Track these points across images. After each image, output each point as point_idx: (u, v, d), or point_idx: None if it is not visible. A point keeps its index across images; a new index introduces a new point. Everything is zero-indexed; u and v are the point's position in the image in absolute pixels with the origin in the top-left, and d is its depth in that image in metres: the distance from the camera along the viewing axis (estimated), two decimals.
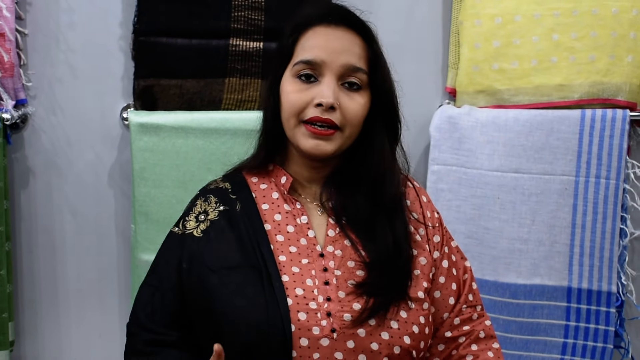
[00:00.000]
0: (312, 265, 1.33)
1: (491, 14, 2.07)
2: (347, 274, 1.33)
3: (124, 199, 2.13)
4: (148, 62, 2.01)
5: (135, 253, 2.04)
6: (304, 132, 1.34)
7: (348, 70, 1.34)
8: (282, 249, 1.35)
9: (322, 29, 1.37)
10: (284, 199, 1.42)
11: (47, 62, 2.06)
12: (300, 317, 1.26)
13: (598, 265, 2.06)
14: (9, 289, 2.03)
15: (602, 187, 2.05)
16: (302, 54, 1.36)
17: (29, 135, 2.08)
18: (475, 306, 1.47)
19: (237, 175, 1.49)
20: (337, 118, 1.33)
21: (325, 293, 1.30)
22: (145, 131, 2.00)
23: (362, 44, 1.37)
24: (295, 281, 1.30)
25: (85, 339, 2.17)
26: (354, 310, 1.29)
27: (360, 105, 1.35)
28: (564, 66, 2.07)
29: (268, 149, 1.46)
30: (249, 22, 2.02)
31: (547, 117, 2.06)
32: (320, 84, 1.34)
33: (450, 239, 1.50)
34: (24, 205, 2.11)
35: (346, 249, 1.36)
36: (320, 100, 1.31)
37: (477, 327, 1.44)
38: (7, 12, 1.95)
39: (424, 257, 1.40)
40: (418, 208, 1.46)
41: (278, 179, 1.44)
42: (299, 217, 1.39)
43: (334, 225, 1.39)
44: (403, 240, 1.37)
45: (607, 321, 2.06)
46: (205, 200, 1.44)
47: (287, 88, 1.37)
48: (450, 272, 1.44)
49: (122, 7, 2.05)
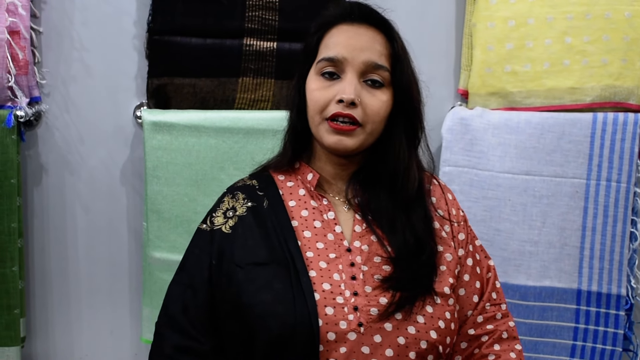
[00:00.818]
0: (340, 260, 1.34)
1: (504, 16, 2.07)
2: (373, 269, 1.34)
3: (136, 196, 2.14)
4: (162, 61, 2.02)
5: (147, 250, 2.05)
6: (327, 129, 1.35)
7: (369, 67, 1.36)
8: (310, 245, 1.36)
9: (344, 27, 1.39)
10: (310, 196, 1.43)
11: (61, 60, 2.07)
12: (328, 312, 1.27)
13: (608, 268, 2.06)
14: (21, 286, 2.04)
15: (613, 191, 2.05)
16: (324, 52, 1.38)
17: (42, 132, 2.09)
18: (500, 304, 1.47)
19: (264, 173, 1.50)
20: (358, 114, 1.34)
21: (352, 288, 1.31)
22: (158, 130, 2.00)
23: (384, 42, 1.39)
24: (322, 276, 1.32)
25: (96, 336, 2.18)
26: (381, 304, 1.30)
27: (382, 102, 1.36)
28: (576, 69, 2.07)
29: (295, 147, 1.47)
30: (263, 22, 2.03)
31: (559, 120, 2.06)
32: (342, 81, 1.35)
33: (474, 237, 1.51)
34: (36, 202, 2.12)
35: (372, 244, 1.37)
36: (342, 96, 1.33)
37: (501, 327, 1.45)
38: (23, 10, 1.96)
39: (450, 254, 1.41)
40: (443, 205, 1.48)
41: (304, 176, 1.45)
42: (326, 213, 1.41)
43: (360, 220, 1.40)
44: (424, 235, 1.38)
45: (616, 324, 2.06)
46: (233, 197, 1.45)
47: (311, 86, 1.39)
48: (474, 271, 1.45)
49: (137, 6, 2.06)
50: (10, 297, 2.01)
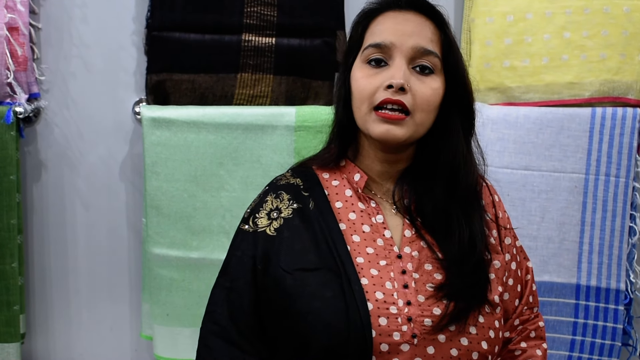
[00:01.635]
0: (391, 267, 1.29)
1: (503, 11, 2.07)
2: (425, 276, 1.29)
3: (135, 192, 2.14)
4: (161, 57, 2.02)
5: (147, 247, 2.05)
6: (374, 119, 1.28)
7: (418, 53, 1.29)
8: (359, 250, 1.30)
9: (391, 14, 1.33)
10: (357, 197, 1.37)
11: (60, 57, 2.07)
12: (381, 322, 1.23)
13: (607, 262, 2.06)
14: (21, 282, 2.04)
15: (612, 185, 2.05)
16: (371, 38, 1.32)
17: (41, 128, 2.10)
18: (533, 308, 1.46)
19: (308, 170, 1.43)
20: (408, 101, 1.27)
21: (405, 297, 1.26)
22: (158, 126, 2.00)
23: (434, 28, 1.32)
24: (374, 284, 1.26)
25: (96, 332, 2.18)
26: (434, 315, 1.25)
27: (432, 90, 1.30)
28: (574, 64, 2.07)
29: (341, 143, 1.40)
30: (261, 18, 2.03)
31: (558, 115, 2.06)
32: (390, 67, 1.29)
33: (516, 238, 1.46)
34: (36, 199, 2.12)
35: (423, 250, 1.32)
36: (391, 81, 1.26)
37: (530, 327, 1.43)
38: (21, 6, 1.96)
39: (498, 261, 1.37)
40: (491, 208, 1.43)
41: (351, 175, 1.38)
42: (374, 216, 1.35)
43: (409, 225, 1.34)
44: (479, 238, 1.32)
45: (616, 319, 2.07)
46: (277, 197, 1.38)
47: (357, 74, 1.32)
48: (516, 274, 1.42)
49: (136, 2, 2.07)
50: (10, 294, 2.01)
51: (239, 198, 2.02)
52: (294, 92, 2.07)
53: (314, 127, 2.01)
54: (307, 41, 2.04)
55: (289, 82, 2.06)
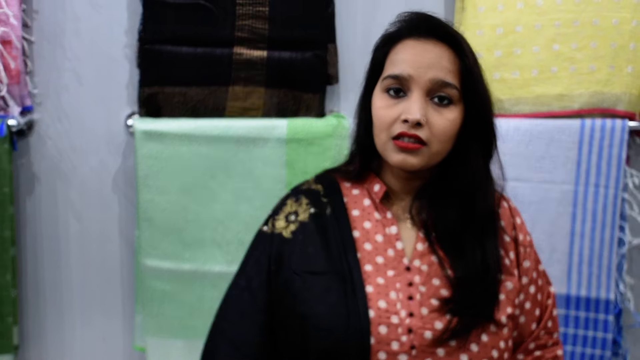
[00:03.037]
0: (398, 278, 1.32)
1: (493, 24, 2.08)
2: (431, 290, 1.31)
3: (128, 205, 2.14)
4: (153, 69, 2.03)
5: (139, 258, 2.06)
6: (392, 147, 1.30)
7: (436, 85, 1.30)
8: (369, 258, 1.33)
9: (411, 42, 1.33)
10: (375, 207, 1.39)
11: (53, 70, 2.08)
12: (381, 331, 1.25)
13: (597, 273, 2.07)
14: (14, 294, 2.05)
15: (602, 196, 2.07)
16: (390, 69, 1.33)
17: (34, 141, 2.10)
18: (553, 333, 1.46)
19: (330, 178, 1.46)
20: (424, 134, 1.28)
21: (408, 308, 1.28)
22: (150, 138, 2.01)
23: (453, 58, 1.32)
24: (379, 293, 1.29)
25: (89, 344, 2.18)
26: (436, 328, 1.27)
27: (449, 122, 1.30)
28: (564, 76, 2.09)
29: (363, 159, 1.43)
30: (253, 31, 2.04)
31: (548, 126, 2.08)
32: (408, 99, 1.30)
33: (538, 262, 1.47)
34: (29, 211, 2.13)
35: (433, 265, 1.33)
36: (407, 116, 1.27)
37: (547, 355, 1.44)
38: (14, 20, 1.96)
39: (511, 283, 1.37)
40: (510, 230, 1.43)
41: (371, 186, 1.41)
42: (389, 227, 1.37)
43: (423, 239, 1.36)
44: (492, 260, 1.33)
45: (606, 329, 2.08)
46: (297, 201, 1.42)
47: (377, 103, 1.34)
48: (535, 298, 1.42)
49: (128, 15, 2.07)
50: (3, 305, 2.02)
51: (231, 210, 2.03)
52: (286, 105, 2.08)
53: (306, 140, 2.03)
54: (298, 54, 2.05)
55: (281, 95, 2.07)
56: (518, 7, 2.07)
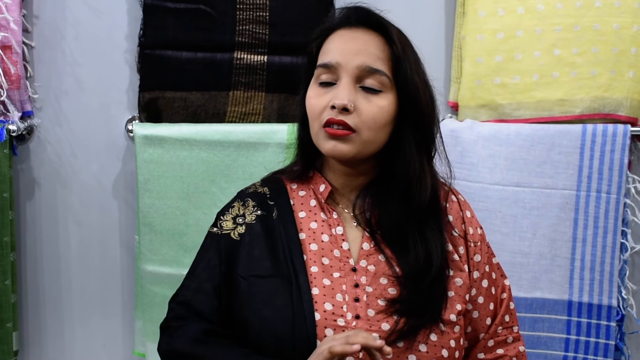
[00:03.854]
0: (344, 279, 1.30)
1: (493, 29, 2.08)
2: (378, 291, 1.29)
3: (128, 210, 2.14)
4: (153, 74, 2.03)
5: (139, 264, 2.06)
6: (323, 135, 1.30)
7: (364, 72, 1.29)
8: (315, 259, 1.32)
9: (342, 32, 1.34)
10: (321, 208, 1.38)
11: (53, 75, 2.08)
12: (327, 334, 1.24)
13: (599, 279, 2.07)
14: (14, 299, 2.04)
15: (603, 202, 2.06)
16: (321, 58, 1.34)
17: (34, 146, 2.10)
18: (512, 327, 1.44)
19: (277, 180, 1.46)
20: (352, 120, 1.28)
21: (354, 310, 1.27)
22: (150, 143, 2.01)
23: (382, 45, 1.32)
24: (325, 295, 1.28)
25: (89, 349, 2.18)
26: (383, 330, 1.26)
27: (379, 108, 1.29)
28: (565, 81, 2.08)
29: (305, 158, 1.43)
30: (253, 36, 2.04)
31: (549, 131, 2.07)
32: (337, 86, 1.30)
33: (491, 255, 1.45)
34: (29, 216, 2.12)
35: (380, 264, 1.32)
36: (334, 102, 1.28)
37: (510, 352, 1.42)
38: (15, 25, 1.97)
39: (461, 278, 1.35)
40: (460, 224, 1.41)
41: (317, 186, 1.40)
42: (335, 227, 1.36)
43: (369, 238, 1.35)
44: (435, 253, 1.31)
45: (608, 335, 2.07)
46: (244, 204, 1.41)
47: (310, 94, 1.35)
48: (489, 292, 1.41)
49: (128, 20, 2.08)
50: (2, 311, 2.01)
51: None
52: (286, 110, 2.08)
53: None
54: (298, 59, 2.05)
55: (281, 100, 2.07)
56: (519, 11, 2.07)
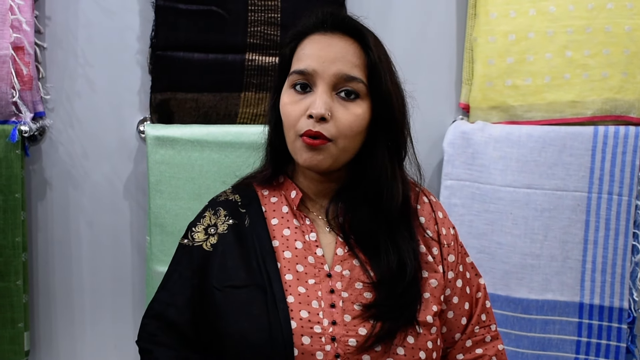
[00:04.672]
0: (319, 286, 1.30)
1: (505, 30, 2.08)
2: (354, 296, 1.29)
3: (139, 211, 2.15)
4: (165, 76, 2.03)
5: (150, 265, 2.06)
6: (300, 146, 1.30)
7: (341, 80, 1.28)
8: (289, 267, 1.31)
9: (317, 37, 1.32)
10: (293, 214, 1.38)
11: (65, 76, 2.08)
12: (304, 341, 1.23)
13: (610, 281, 2.06)
14: (25, 299, 2.05)
15: (615, 204, 2.06)
16: (296, 64, 1.32)
17: (46, 147, 2.11)
18: (490, 326, 1.43)
19: (248, 187, 1.45)
20: (328, 130, 1.27)
21: (330, 316, 1.27)
22: (162, 144, 2.01)
23: (358, 52, 1.31)
24: (300, 302, 1.27)
25: (100, 350, 2.18)
26: (360, 335, 1.25)
27: (355, 116, 1.29)
28: (577, 83, 2.08)
29: (275, 164, 1.42)
30: (264, 37, 2.04)
31: (560, 133, 2.07)
32: (313, 94, 1.29)
33: (465, 255, 1.45)
34: (40, 217, 2.13)
35: (355, 269, 1.32)
36: (311, 111, 1.27)
37: (490, 352, 1.41)
38: (27, 26, 1.97)
39: (435, 280, 1.35)
40: (432, 225, 1.41)
41: (288, 192, 1.40)
42: (308, 233, 1.35)
43: (342, 243, 1.34)
44: (408, 259, 1.31)
45: (619, 337, 2.06)
46: (215, 213, 1.40)
47: (284, 99, 1.33)
48: (463, 292, 1.40)
49: (140, 21, 2.08)
50: (14, 311, 2.02)
51: None
52: None
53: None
54: None
55: None
56: (530, 13, 2.07)
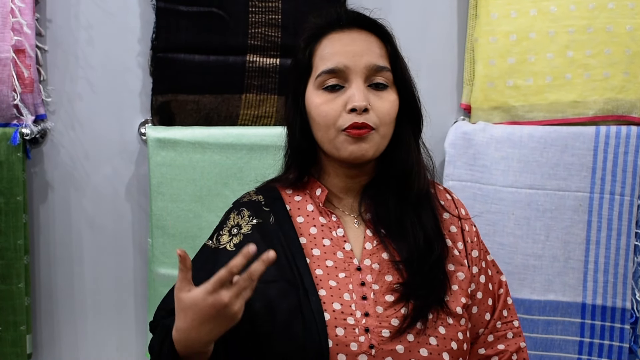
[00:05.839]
0: (350, 279, 1.31)
1: (506, 31, 2.08)
2: (384, 287, 1.31)
3: (141, 213, 2.15)
4: (166, 78, 2.04)
5: (152, 266, 2.06)
6: (344, 139, 1.31)
7: (372, 71, 1.32)
8: (319, 262, 1.32)
9: (336, 36, 1.35)
10: (319, 212, 1.39)
11: (66, 78, 2.08)
12: (338, 333, 1.25)
13: (612, 281, 2.06)
14: (27, 302, 2.05)
15: (617, 204, 2.05)
16: (322, 65, 1.33)
17: (48, 150, 2.11)
18: (512, 322, 1.45)
19: (271, 187, 1.46)
20: (372, 120, 1.30)
21: (363, 308, 1.28)
22: (163, 146, 2.02)
23: (380, 43, 1.36)
24: (332, 295, 1.28)
25: (102, 352, 2.18)
26: (392, 326, 1.26)
27: (390, 103, 1.33)
28: (578, 83, 2.08)
29: (301, 165, 1.43)
30: (265, 39, 2.04)
31: (562, 133, 2.06)
32: (348, 89, 1.31)
33: (486, 252, 1.47)
34: (42, 219, 2.13)
35: (383, 262, 1.33)
36: (353, 104, 1.29)
37: (511, 348, 1.42)
38: (28, 29, 1.97)
39: (462, 273, 1.37)
40: (456, 222, 1.44)
41: (313, 191, 1.41)
42: (335, 230, 1.37)
43: (371, 237, 1.36)
44: (433, 236, 1.34)
45: (622, 338, 2.06)
46: (239, 214, 1.41)
47: (316, 101, 1.34)
48: (486, 288, 1.42)
49: (141, 24, 2.08)
50: (16, 314, 2.02)
51: None
52: None
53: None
54: None
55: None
56: (531, 13, 2.07)
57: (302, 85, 1.38)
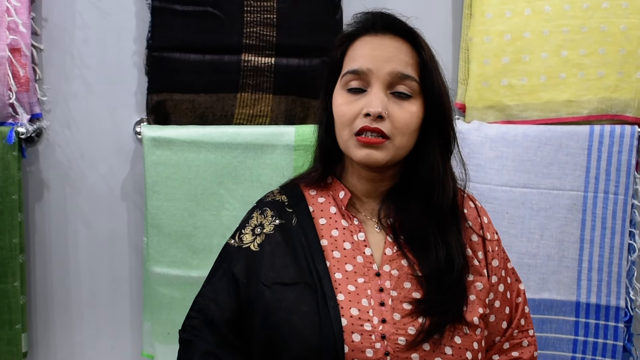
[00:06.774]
0: (368, 284, 1.31)
1: (500, 30, 2.08)
2: (402, 295, 1.31)
3: (136, 211, 2.15)
4: (161, 77, 2.04)
5: (147, 265, 2.06)
6: (355, 143, 1.31)
7: (395, 78, 1.31)
8: (338, 266, 1.32)
9: (368, 38, 1.35)
10: (341, 214, 1.39)
11: (62, 77, 2.09)
12: (354, 339, 1.25)
13: (606, 280, 2.06)
14: (23, 301, 2.05)
15: (611, 203, 2.06)
16: (349, 65, 1.34)
17: (43, 148, 2.11)
18: (528, 330, 1.45)
19: (295, 187, 1.46)
20: (386, 127, 1.29)
21: (380, 315, 1.28)
22: (158, 145, 2.02)
23: (410, 51, 1.35)
24: (350, 300, 1.28)
25: (97, 351, 2.18)
26: (409, 334, 1.26)
27: (410, 114, 1.32)
28: (572, 82, 2.08)
29: (325, 163, 1.44)
30: (260, 38, 2.05)
31: (556, 132, 2.07)
32: (369, 93, 1.31)
33: (507, 260, 1.47)
34: (38, 218, 2.13)
35: (403, 268, 1.33)
36: (368, 110, 1.29)
37: (525, 356, 1.43)
38: (23, 28, 1.97)
39: (481, 283, 1.37)
40: (478, 230, 1.43)
41: (336, 193, 1.41)
42: (356, 233, 1.37)
43: (391, 243, 1.36)
44: (456, 254, 1.33)
45: (616, 336, 2.07)
46: (262, 213, 1.42)
47: (338, 100, 1.35)
48: (505, 296, 1.42)
49: (136, 23, 2.08)
50: (11, 313, 2.02)
51: (239, 217, 1.99)
52: (294, 112, 2.08)
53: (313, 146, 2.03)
54: (306, 61, 2.05)
55: (289, 102, 2.07)
56: (526, 13, 2.07)
57: (331, 83, 1.39)
